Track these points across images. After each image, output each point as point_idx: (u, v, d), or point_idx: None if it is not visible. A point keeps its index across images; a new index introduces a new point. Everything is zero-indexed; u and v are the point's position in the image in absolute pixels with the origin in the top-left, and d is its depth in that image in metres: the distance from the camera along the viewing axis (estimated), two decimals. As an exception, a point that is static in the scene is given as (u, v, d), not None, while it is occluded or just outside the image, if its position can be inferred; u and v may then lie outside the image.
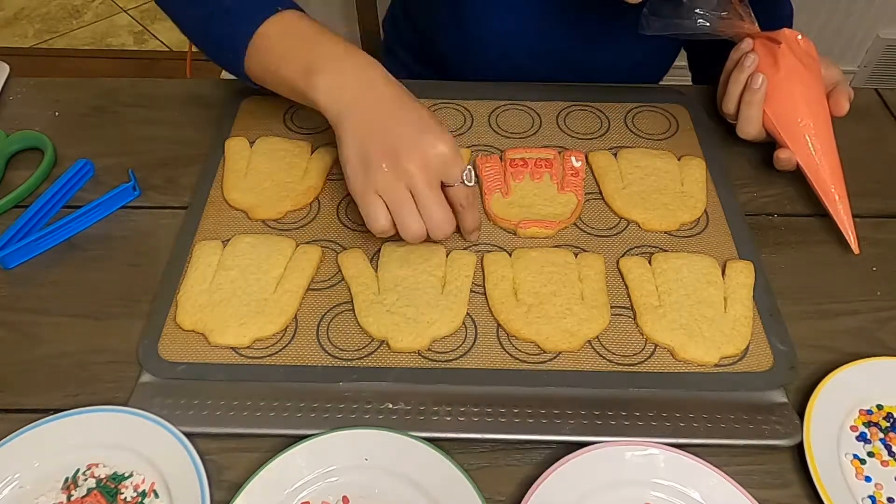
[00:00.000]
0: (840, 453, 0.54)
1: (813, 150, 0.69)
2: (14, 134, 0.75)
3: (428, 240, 0.62)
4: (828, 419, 0.55)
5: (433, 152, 0.58)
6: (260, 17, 0.64)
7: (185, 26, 0.71)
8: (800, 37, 0.71)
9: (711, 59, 0.79)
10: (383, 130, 0.59)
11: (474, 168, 0.60)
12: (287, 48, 0.64)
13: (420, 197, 0.58)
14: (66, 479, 0.52)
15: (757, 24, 0.72)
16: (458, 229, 0.64)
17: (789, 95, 0.69)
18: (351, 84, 0.61)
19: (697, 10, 0.71)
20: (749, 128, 0.72)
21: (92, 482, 0.51)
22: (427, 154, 0.58)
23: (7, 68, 0.83)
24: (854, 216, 0.68)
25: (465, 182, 0.61)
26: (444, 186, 0.60)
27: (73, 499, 0.51)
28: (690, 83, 0.98)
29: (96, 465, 0.52)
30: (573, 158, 0.72)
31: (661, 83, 0.96)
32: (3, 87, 0.81)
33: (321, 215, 0.69)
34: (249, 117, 0.77)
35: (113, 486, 0.51)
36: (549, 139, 0.76)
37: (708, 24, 0.71)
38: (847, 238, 0.67)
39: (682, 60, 0.98)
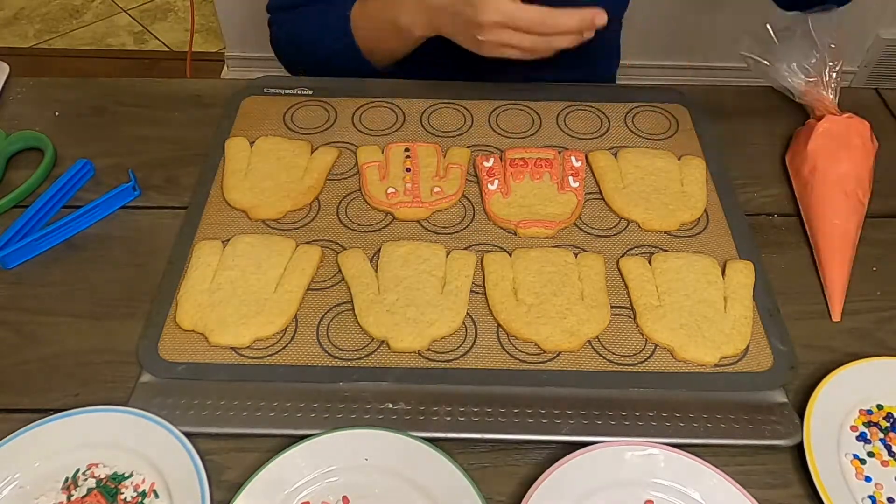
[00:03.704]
0: (840, 453, 0.54)
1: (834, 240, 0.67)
2: (14, 134, 0.75)
3: (429, 239, 0.62)
4: (828, 419, 0.55)
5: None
6: (349, 30, 0.80)
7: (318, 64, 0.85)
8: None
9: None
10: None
11: None
12: (367, 21, 0.79)
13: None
14: (66, 479, 0.52)
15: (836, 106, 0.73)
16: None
17: (836, 190, 0.69)
18: None
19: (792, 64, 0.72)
20: None
21: (92, 482, 0.51)
22: None
23: (7, 68, 0.83)
24: (854, 216, 0.69)
25: None
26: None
27: (73, 499, 0.51)
28: (690, 83, 0.97)
29: (96, 465, 0.52)
30: (573, 158, 0.72)
31: (660, 84, 0.96)
32: (3, 87, 0.81)
33: (321, 215, 0.69)
34: (249, 117, 0.77)
35: (113, 486, 0.51)
36: (549, 139, 0.76)
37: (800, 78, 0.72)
38: (830, 305, 0.64)
39: (681, 60, 0.98)
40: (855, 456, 0.54)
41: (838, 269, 0.65)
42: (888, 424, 0.55)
